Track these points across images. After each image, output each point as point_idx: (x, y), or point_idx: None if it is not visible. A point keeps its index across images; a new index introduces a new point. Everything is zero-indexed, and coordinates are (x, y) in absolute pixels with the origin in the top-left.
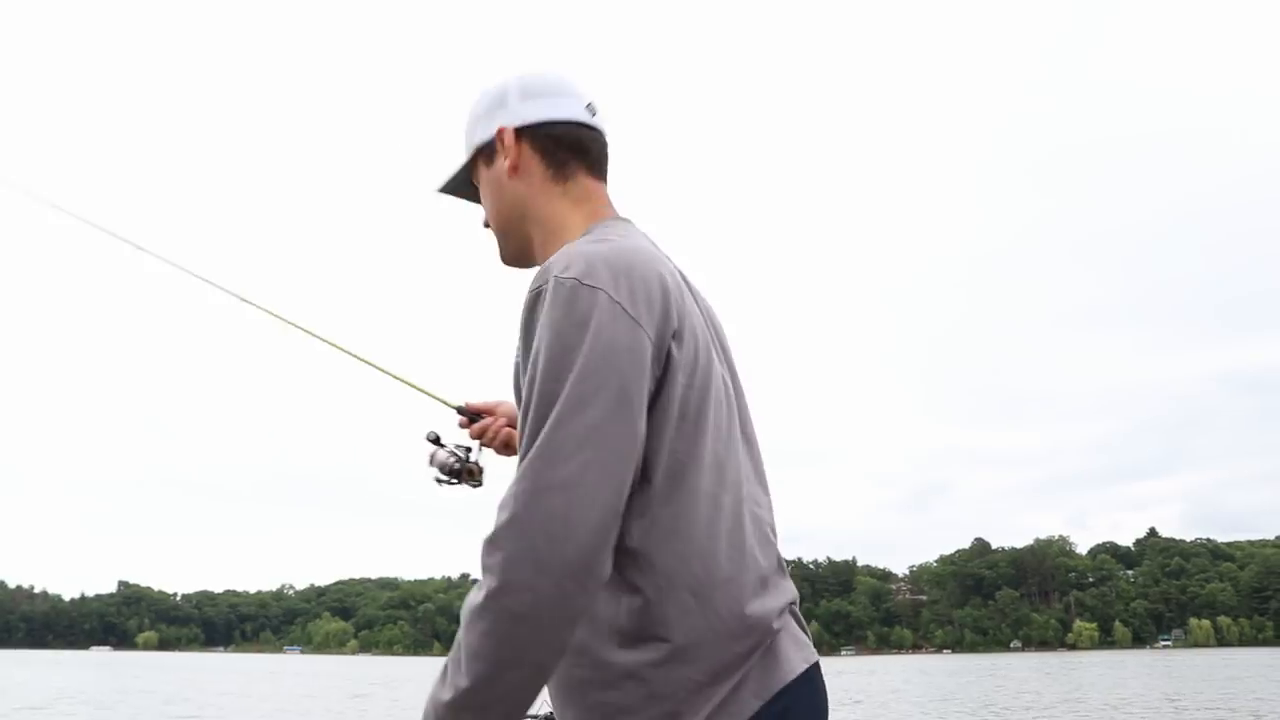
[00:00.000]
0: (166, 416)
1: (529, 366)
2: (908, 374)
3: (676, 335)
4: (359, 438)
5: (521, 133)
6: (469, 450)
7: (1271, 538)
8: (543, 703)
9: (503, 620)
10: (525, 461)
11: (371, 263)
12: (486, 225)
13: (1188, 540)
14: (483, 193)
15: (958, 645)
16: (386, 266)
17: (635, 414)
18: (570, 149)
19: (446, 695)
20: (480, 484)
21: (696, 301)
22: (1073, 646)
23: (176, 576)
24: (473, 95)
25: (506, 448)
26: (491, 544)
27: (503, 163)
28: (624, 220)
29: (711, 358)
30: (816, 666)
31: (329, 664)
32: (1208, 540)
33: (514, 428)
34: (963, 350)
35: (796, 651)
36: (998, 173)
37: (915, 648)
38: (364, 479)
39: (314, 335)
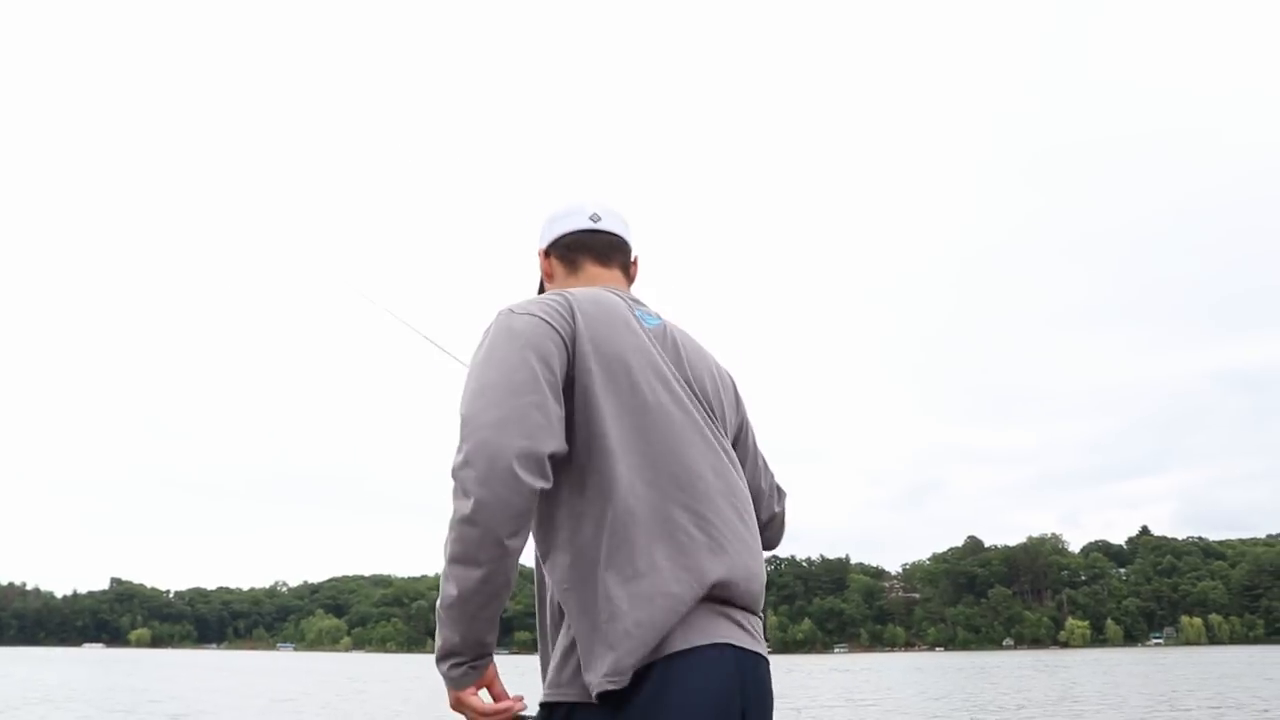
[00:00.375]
0: (162, 415)
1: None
2: (901, 372)
3: (587, 340)
4: (353, 436)
5: (548, 250)
6: None
7: (1263, 536)
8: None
9: (462, 528)
10: (464, 414)
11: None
12: None
13: (1180, 539)
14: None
15: (950, 643)
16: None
17: (546, 380)
18: (577, 249)
19: (438, 602)
20: None
21: (670, 343)
22: (1065, 644)
23: (169, 573)
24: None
25: None
26: (452, 476)
27: (543, 273)
28: (611, 287)
29: (641, 378)
30: (704, 650)
31: (322, 661)
32: (1199, 539)
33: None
34: (956, 348)
35: (681, 633)
36: (992, 171)
37: (908, 645)
38: (358, 477)
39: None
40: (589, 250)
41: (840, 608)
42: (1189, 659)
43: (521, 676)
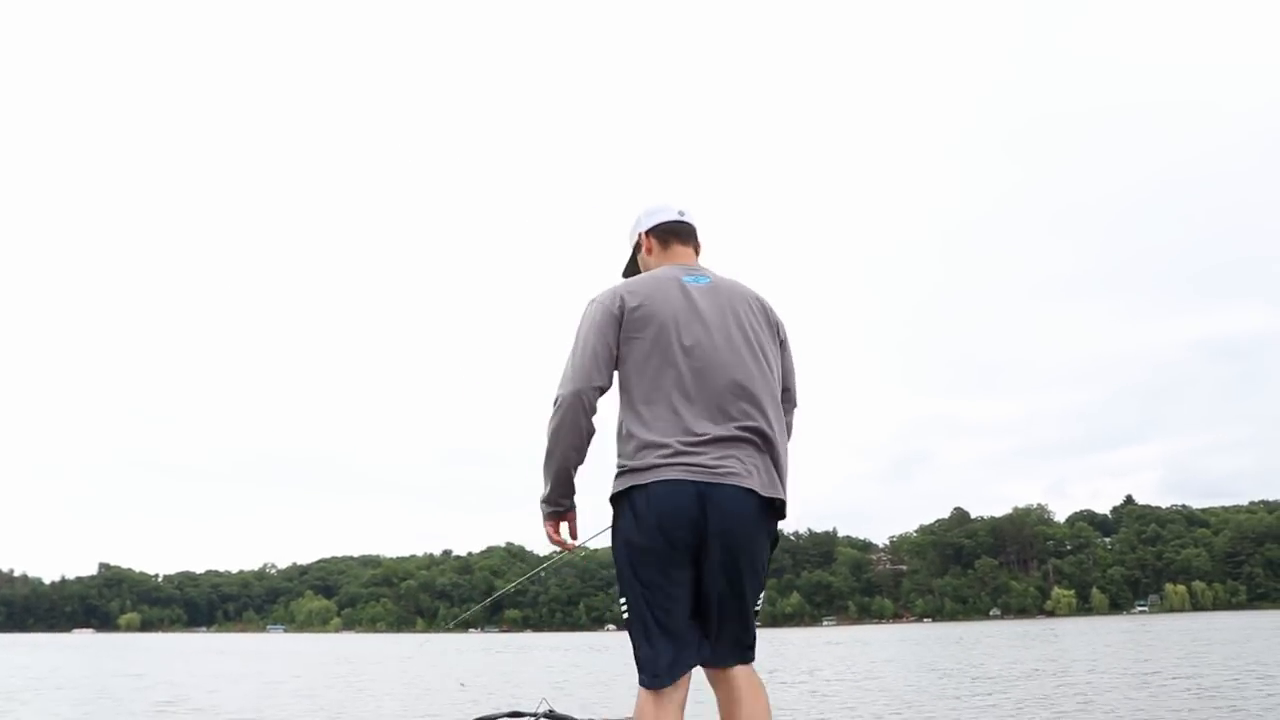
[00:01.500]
0: (148, 398)
1: None
2: (887, 344)
3: (629, 311)
4: (341, 417)
5: (648, 232)
6: None
7: (1245, 504)
8: (540, 700)
9: (549, 424)
10: (562, 373)
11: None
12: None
13: (1164, 507)
14: (640, 264)
15: (938, 614)
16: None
17: (602, 340)
18: (668, 234)
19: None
20: None
21: (713, 292)
22: (1051, 613)
23: (158, 557)
24: (630, 219)
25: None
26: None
27: (644, 250)
28: (678, 264)
29: (664, 325)
30: (681, 484)
31: (313, 642)
32: (1183, 507)
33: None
34: (941, 320)
35: (669, 471)
36: (975, 144)
37: (896, 617)
38: (346, 458)
39: None
40: (676, 235)
41: (828, 580)
42: (1176, 626)
43: (519, 652)
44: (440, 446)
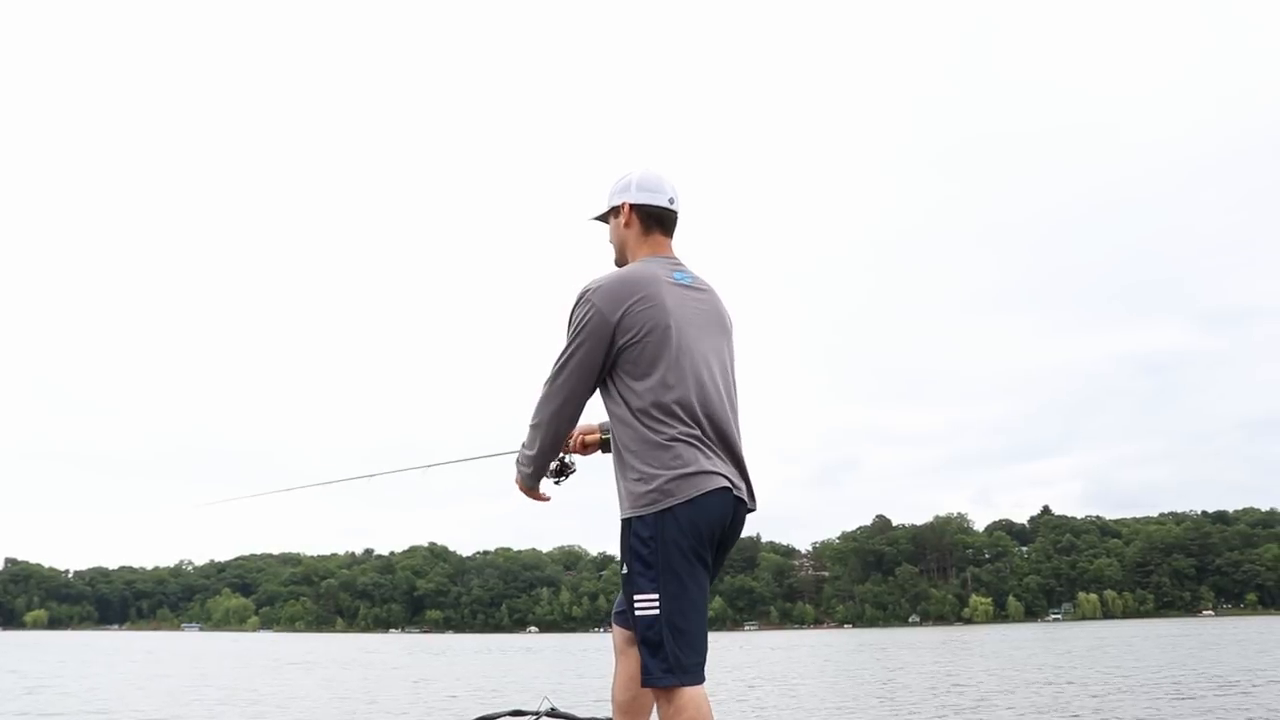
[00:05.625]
0: (57, 383)
1: None
2: (815, 353)
3: (625, 319)
4: (262, 410)
5: (633, 207)
6: (563, 455)
7: (1156, 515)
8: (543, 699)
9: (536, 431)
10: (549, 375)
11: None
12: (609, 233)
13: (1079, 518)
14: (610, 227)
15: (858, 620)
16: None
17: (592, 360)
18: (654, 220)
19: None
20: (573, 472)
21: (688, 295)
22: (968, 621)
23: (68, 553)
24: (618, 175)
25: (585, 448)
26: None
27: (622, 219)
28: (660, 256)
29: (665, 329)
30: (724, 490)
31: (229, 641)
32: (1097, 518)
33: (587, 437)
34: (869, 331)
35: (708, 480)
36: (908, 158)
37: (817, 623)
38: (266, 451)
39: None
40: (661, 224)
41: (751, 586)
42: (1089, 633)
43: (435, 657)
44: (364, 443)
